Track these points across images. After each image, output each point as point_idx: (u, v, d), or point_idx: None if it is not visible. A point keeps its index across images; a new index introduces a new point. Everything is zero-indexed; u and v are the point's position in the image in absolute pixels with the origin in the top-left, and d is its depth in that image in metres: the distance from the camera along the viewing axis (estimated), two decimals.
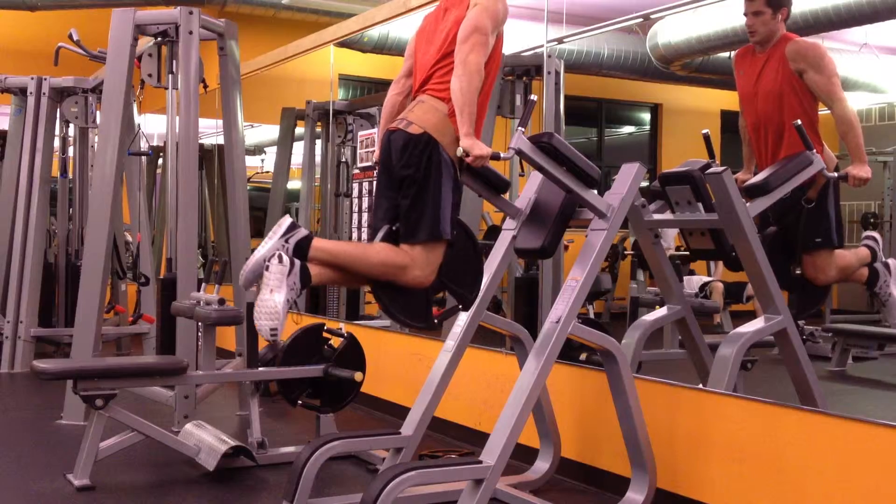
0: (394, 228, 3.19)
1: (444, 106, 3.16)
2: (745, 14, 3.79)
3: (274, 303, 2.97)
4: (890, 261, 3.94)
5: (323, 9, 8.51)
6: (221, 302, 4.12)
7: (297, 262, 3.04)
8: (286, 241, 3.05)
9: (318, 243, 3.11)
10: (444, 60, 3.21)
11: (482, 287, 3.52)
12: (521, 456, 3.85)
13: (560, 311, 3.16)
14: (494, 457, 2.98)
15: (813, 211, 3.70)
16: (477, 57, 3.08)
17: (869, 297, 3.98)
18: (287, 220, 3.10)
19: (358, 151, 6.75)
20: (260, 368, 4.17)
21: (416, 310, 3.24)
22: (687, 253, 5.08)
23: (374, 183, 3.54)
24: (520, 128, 3.13)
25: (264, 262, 3.02)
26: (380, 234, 3.20)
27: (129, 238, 7.40)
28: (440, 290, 3.33)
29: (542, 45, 4.70)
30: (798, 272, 3.75)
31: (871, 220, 7.06)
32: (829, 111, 3.70)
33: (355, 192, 6.29)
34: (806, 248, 3.74)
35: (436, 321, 3.31)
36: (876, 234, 3.99)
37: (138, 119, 6.62)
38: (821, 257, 3.75)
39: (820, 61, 3.66)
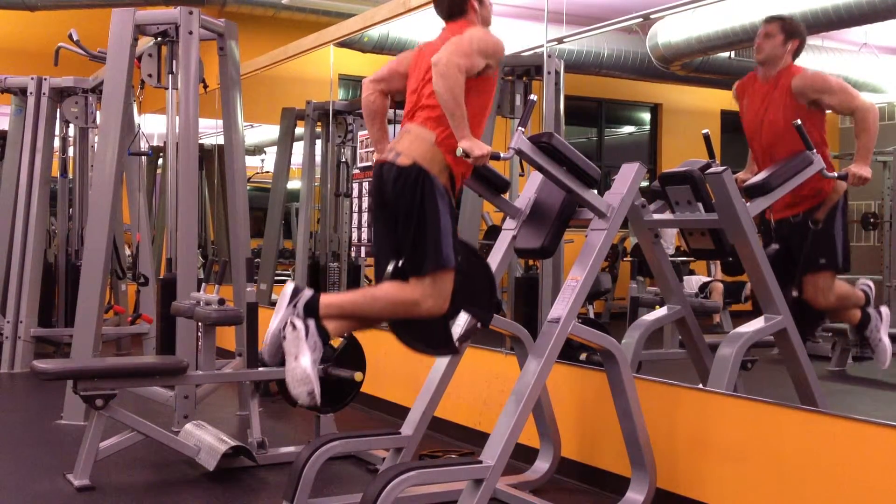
0: (399, 265, 3.14)
1: (431, 134, 3.11)
2: (758, 35, 3.78)
3: (302, 368, 2.96)
4: (882, 308, 3.91)
5: (323, 9, 8.51)
6: (221, 302, 4.12)
7: (311, 323, 3.02)
8: (294, 307, 3.03)
9: (326, 299, 3.07)
10: (428, 87, 3.14)
11: None
12: (521, 456, 3.85)
13: (560, 311, 3.16)
14: (494, 457, 2.98)
15: (820, 232, 3.70)
16: (452, 57, 2.97)
17: (858, 341, 3.98)
18: (289, 287, 3.06)
19: (358, 151, 6.76)
20: (260, 368, 4.17)
21: (438, 339, 3.23)
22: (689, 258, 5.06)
23: (370, 215, 3.52)
24: (520, 128, 3.12)
25: (280, 334, 3.01)
26: (387, 272, 3.16)
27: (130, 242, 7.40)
28: (457, 314, 3.29)
29: (542, 45, 4.69)
30: (795, 294, 3.72)
31: (871, 220, 7.05)
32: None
33: (355, 192, 6.29)
34: (809, 268, 3.71)
35: (458, 345, 3.30)
36: (870, 282, 3.95)
37: (138, 119, 6.62)
38: (823, 279, 3.73)
39: (827, 84, 3.68)
